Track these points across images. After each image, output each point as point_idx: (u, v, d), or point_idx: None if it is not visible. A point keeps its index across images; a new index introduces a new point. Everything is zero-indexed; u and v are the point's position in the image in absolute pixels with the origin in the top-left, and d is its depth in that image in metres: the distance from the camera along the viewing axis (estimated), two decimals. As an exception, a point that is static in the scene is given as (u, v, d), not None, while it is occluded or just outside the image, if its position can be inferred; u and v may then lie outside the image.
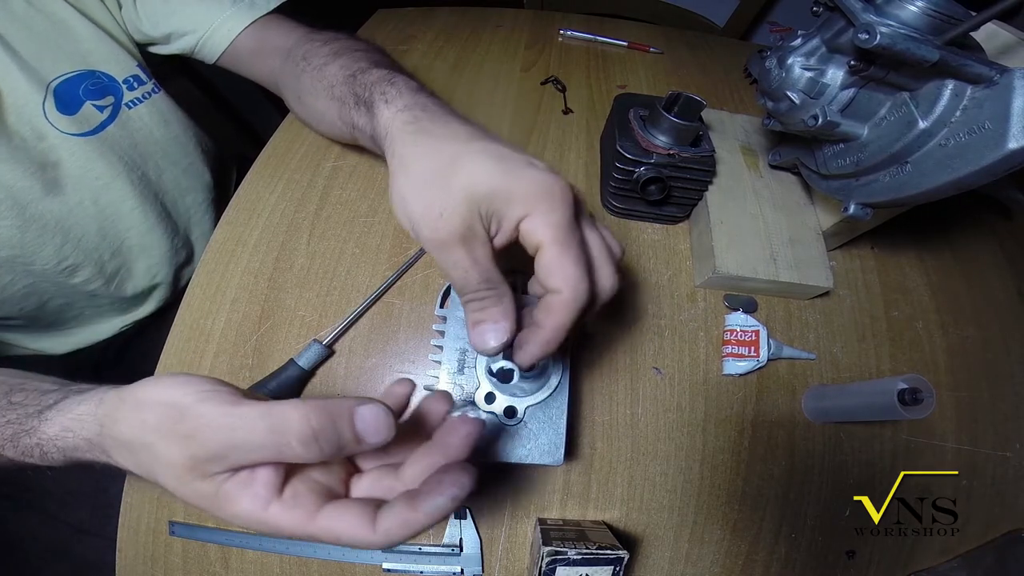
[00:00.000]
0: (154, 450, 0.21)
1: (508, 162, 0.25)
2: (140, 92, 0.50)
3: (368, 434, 0.21)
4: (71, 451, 0.24)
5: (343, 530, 0.21)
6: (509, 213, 0.24)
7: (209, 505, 0.21)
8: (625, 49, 0.70)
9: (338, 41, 0.46)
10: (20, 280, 0.45)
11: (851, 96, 0.35)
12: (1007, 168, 0.29)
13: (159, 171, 0.54)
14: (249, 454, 0.20)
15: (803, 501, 0.41)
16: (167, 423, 0.21)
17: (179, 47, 0.51)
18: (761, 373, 0.44)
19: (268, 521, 0.21)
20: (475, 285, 0.25)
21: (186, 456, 0.20)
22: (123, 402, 0.22)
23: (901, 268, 0.51)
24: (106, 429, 0.23)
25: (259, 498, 0.21)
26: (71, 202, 0.46)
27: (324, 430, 0.20)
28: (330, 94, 0.39)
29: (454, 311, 0.34)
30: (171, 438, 0.21)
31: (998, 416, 0.45)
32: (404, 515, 0.21)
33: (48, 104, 0.43)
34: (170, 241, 0.56)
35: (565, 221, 0.25)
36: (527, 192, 0.24)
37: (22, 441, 0.26)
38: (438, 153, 0.26)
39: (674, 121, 0.42)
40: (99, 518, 1.11)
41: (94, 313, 0.56)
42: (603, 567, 0.32)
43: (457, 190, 0.24)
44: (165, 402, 0.21)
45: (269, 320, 0.43)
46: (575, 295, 0.24)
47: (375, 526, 0.21)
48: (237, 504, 0.21)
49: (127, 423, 0.22)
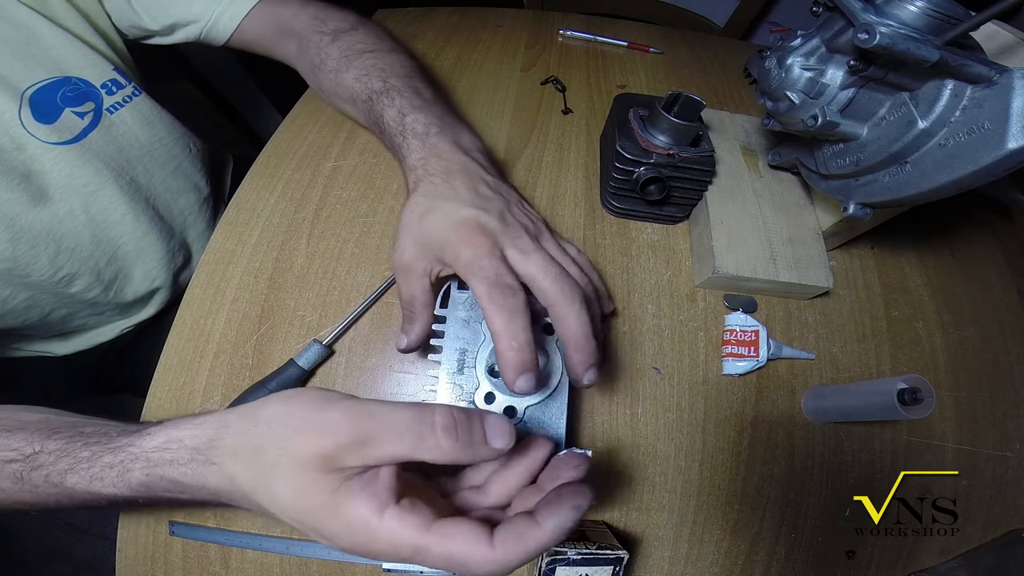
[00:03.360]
0: (290, 443, 0.21)
1: (456, 218, 0.32)
2: (120, 96, 0.49)
3: (494, 436, 0.22)
4: (163, 466, 0.24)
5: (457, 546, 0.20)
6: (444, 257, 0.32)
7: (320, 505, 0.21)
8: (625, 49, 0.70)
9: (344, 37, 0.47)
10: (20, 293, 0.45)
11: (851, 96, 0.35)
12: (1007, 168, 0.29)
13: (148, 174, 0.53)
14: (391, 443, 0.21)
15: (803, 501, 0.41)
16: (316, 413, 0.22)
17: (182, 37, 0.51)
18: (761, 373, 0.44)
19: (379, 529, 0.20)
20: (405, 303, 0.33)
21: (327, 443, 0.21)
22: (267, 400, 0.23)
23: (901, 268, 0.51)
24: (230, 430, 0.23)
25: (378, 500, 0.21)
26: (60, 212, 0.45)
27: (463, 423, 0.21)
28: (354, 106, 0.46)
29: (453, 311, 0.34)
30: (316, 427, 0.21)
31: (998, 416, 0.45)
32: (524, 531, 0.20)
33: (24, 113, 0.42)
34: (166, 244, 0.56)
35: (473, 259, 0.30)
36: (451, 241, 0.32)
37: (102, 459, 0.26)
38: (428, 205, 0.33)
39: (674, 121, 0.42)
40: (99, 518, 1.12)
41: (97, 320, 0.56)
42: (603, 567, 0.32)
43: (416, 234, 0.33)
44: (315, 397, 0.22)
45: (269, 320, 0.43)
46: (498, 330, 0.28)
47: (493, 542, 0.20)
48: (354, 503, 0.21)
49: (270, 416, 0.22)
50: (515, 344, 0.27)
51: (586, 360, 0.30)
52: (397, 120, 0.40)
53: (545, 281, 0.30)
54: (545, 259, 0.32)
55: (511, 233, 0.33)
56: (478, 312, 0.34)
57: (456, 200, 0.33)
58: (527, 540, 0.20)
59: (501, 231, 0.32)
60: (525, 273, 0.31)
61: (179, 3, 0.48)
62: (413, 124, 0.39)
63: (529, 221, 0.36)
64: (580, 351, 0.30)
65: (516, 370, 0.27)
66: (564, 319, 0.30)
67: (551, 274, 0.31)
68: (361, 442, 0.21)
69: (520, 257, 0.31)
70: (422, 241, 0.33)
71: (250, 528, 0.38)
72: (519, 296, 0.29)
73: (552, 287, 0.30)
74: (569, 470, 0.24)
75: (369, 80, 0.44)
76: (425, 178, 0.35)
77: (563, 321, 0.30)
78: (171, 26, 0.50)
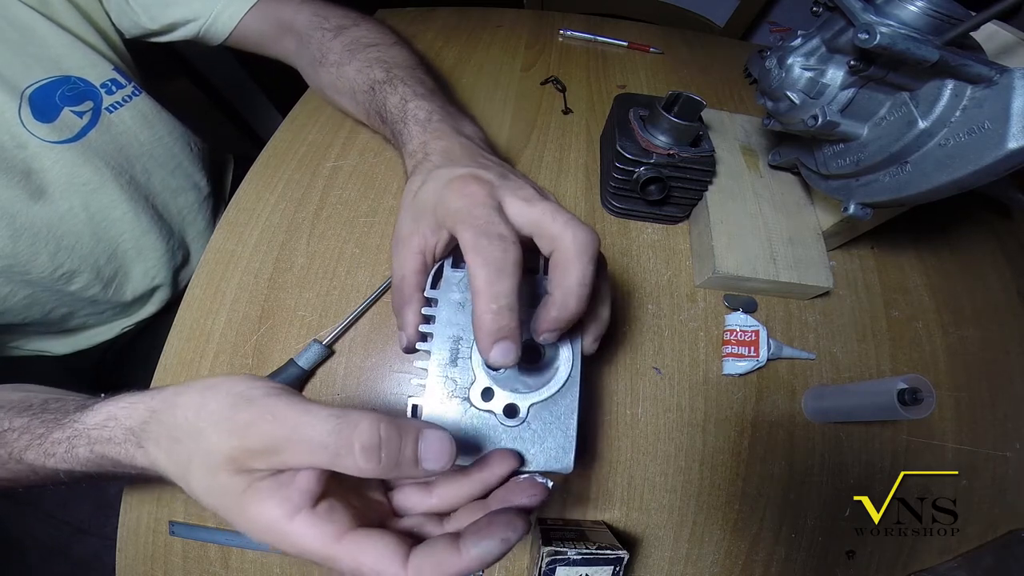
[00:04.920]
0: (202, 438, 0.20)
1: (450, 176, 0.29)
2: (120, 96, 0.49)
3: (427, 458, 0.20)
4: (102, 444, 0.24)
5: (368, 560, 0.19)
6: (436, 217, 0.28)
7: (230, 504, 0.20)
8: (625, 49, 0.70)
9: (347, 32, 0.47)
10: (20, 291, 0.45)
11: (851, 96, 0.35)
12: (1007, 168, 0.29)
13: (147, 173, 0.53)
14: (303, 454, 0.19)
15: (803, 501, 0.41)
16: (228, 411, 0.20)
17: (181, 35, 0.51)
18: (761, 373, 0.44)
19: (289, 533, 0.19)
20: (396, 285, 0.30)
21: (234, 446, 0.20)
22: (189, 388, 0.22)
23: (901, 268, 0.51)
24: (156, 416, 0.23)
25: (290, 503, 0.19)
26: (61, 209, 0.45)
27: (390, 442, 0.19)
28: (353, 98, 0.46)
29: (447, 293, 0.29)
30: (226, 427, 0.20)
31: (998, 416, 0.45)
32: (443, 555, 0.19)
33: (24, 112, 0.42)
34: (165, 243, 0.56)
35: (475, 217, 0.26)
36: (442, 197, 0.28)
37: (52, 435, 0.26)
38: (424, 179, 0.31)
39: (674, 121, 0.42)
40: (99, 517, 1.12)
41: (97, 319, 0.56)
42: (603, 567, 0.32)
43: (411, 208, 0.30)
44: (234, 391, 0.21)
45: (269, 320, 0.43)
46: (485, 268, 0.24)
47: (407, 564, 0.19)
48: (262, 506, 0.19)
49: (185, 407, 0.21)
50: (495, 306, 0.23)
51: (561, 323, 0.26)
52: (399, 107, 0.39)
53: (555, 224, 0.25)
54: (556, 206, 0.27)
55: (512, 185, 0.28)
56: None
57: (453, 166, 0.30)
58: (444, 567, 0.19)
59: (500, 184, 0.28)
60: (530, 219, 0.26)
61: (178, 1, 0.48)
62: (415, 111, 0.38)
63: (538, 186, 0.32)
64: (565, 310, 0.25)
65: (491, 336, 0.23)
66: (566, 268, 0.25)
67: (562, 218, 0.26)
68: (270, 451, 0.19)
69: (523, 205, 0.27)
70: (416, 212, 0.29)
71: (250, 528, 0.38)
72: (511, 251, 0.24)
73: (563, 230, 0.25)
74: (523, 497, 0.23)
75: (371, 71, 0.43)
76: (424, 160, 0.33)
77: (563, 270, 0.25)
78: (170, 25, 0.50)
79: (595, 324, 0.29)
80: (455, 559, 0.19)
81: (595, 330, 0.29)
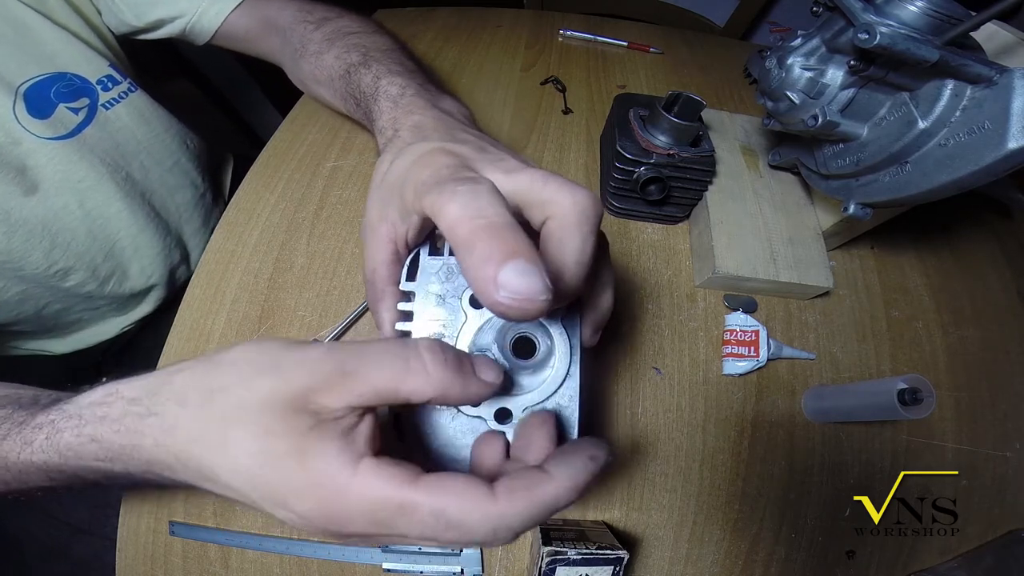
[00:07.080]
0: (253, 385, 0.18)
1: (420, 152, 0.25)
2: (116, 92, 0.49)
3: (484, 371, 0.19)
4: (94, 424, 0.20)
5: (452, 501, 0.17)
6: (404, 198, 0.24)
7: (286, 455, 0.17)
8: (625, 49, 0.70)
9: (329, 23, 0.47)
10: (12, 286, 0.45)
11: (851, 96, 0.35)
12: (1007, 168, 0.29)
13: (144, 171, 0.53)
14: (372, 373, 0.18)
15: (803, 501, 0.41)
16: (286, 350, 0.18)
17: (167, 32, 0.50)
18: (761, 373, 0.44)
19: (353, 483, 0.17)
20: (368, 280, 0.27)
21: (299, 379, 0.17)
22: (231, 346, 0.20)
23: (901, 268, 0.51)
24: (182, 375, 0.20)
25: (354, 446, 0.17)
26: (56, 206, 0.45)
27: (450, 351, 0.18)
28: (331, 87, 0.43)
29: (424, 285, 0.25)
30: (287, 365, 0.18)
31: (998, 416, 0.45)
32: (532, 480, 0.17)
33: (19, 108, 0.42)
34: (162, 241, 0.56)
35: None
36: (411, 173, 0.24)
37: (35, 419, 0.23)
38: (392, 158, 0.27)
39: (674, 121, 0.42)
40: (99, 518, 1.11)
41: (93, 316, 0.56)
42: (603, 567, 0.32)
43: (378, 191, 0.27)
44: (286, 339, 0.19)
45: (269, 320, 0.43)
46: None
47: (495, 493, 0.17)
48: (326, 448, 0.17)
49: (231, 359, 0.19)
50: (482, 221, 0.18)
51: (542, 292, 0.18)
52: (371, 85, 0.36)
53: (547, 188, 0.21)
54: (546, 171, 0.22)
55: (491, 156, 0.24)
56: (457, 284, 0.25)
57: (425, 141, 0.27)
58: (535, 492, 0.17)
59: (477, 156, 0.24)
60: (515, 188, 0.22)
61: (163, 1, 0.48)
62: (387, 87, 0.35)
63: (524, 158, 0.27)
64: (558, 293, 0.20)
65: (494, 258, 0.17)
66: (561, 240, 0.21)
67: (555, 181, 0.21)
68: (343, 374, 0.17)
69: (505, 176, 0.22)
70: (384, 196, 0.26)
71: (250, 528, 0.38)
72: (484, 182, 0.20)
73: (557, 193, 0.21)
74: (588, 449, 0.20)
75: (349, 55, 0.41)
76: (394, 137, 0.30)
77: (558, 242, 0.21)
78: (156, 22, 0.49)
79: (594, 312, 0.26)
80: (546, 482, 0.17)
81: (595, 319, 0.26)
